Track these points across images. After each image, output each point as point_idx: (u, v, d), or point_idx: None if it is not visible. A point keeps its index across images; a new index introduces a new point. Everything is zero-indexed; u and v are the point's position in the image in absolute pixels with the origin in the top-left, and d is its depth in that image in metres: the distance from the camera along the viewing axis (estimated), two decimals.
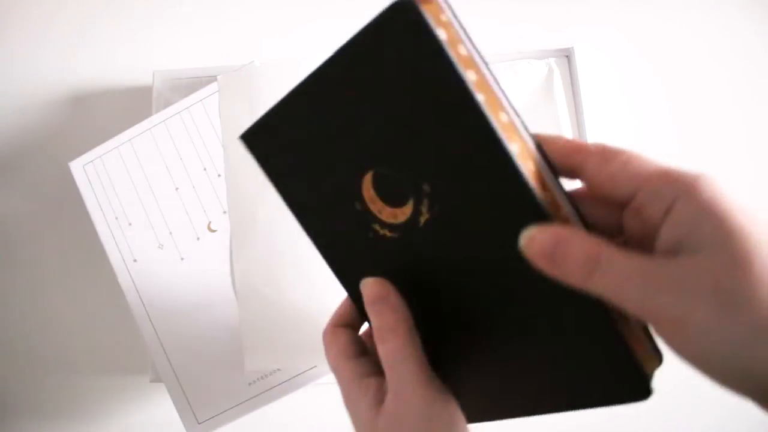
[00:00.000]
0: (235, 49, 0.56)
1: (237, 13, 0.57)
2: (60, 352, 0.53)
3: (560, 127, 0.49)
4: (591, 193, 0.23)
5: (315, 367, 0.45)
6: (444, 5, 0.22)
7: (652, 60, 0.52)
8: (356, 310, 0.31)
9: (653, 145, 0.51)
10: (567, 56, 0.50)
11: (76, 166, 0.49)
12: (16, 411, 0.53)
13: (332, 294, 0.45)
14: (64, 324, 0.53)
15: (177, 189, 0.48)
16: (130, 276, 0.47)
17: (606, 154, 0.22)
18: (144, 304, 0.47)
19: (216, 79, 0.49)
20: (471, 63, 0.22)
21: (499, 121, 0.22)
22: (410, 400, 0.25)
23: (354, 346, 0.30)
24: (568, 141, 0.23)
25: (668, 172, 0.21)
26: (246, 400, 0.45)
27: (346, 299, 0.32)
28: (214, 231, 0.48)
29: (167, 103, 0.51)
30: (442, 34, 0.21)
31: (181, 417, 0.45)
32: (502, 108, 0.22)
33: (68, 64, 0.57)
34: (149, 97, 0.53)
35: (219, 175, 0.48)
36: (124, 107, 0.55)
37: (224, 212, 0.48)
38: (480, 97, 0.21)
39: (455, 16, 0.22)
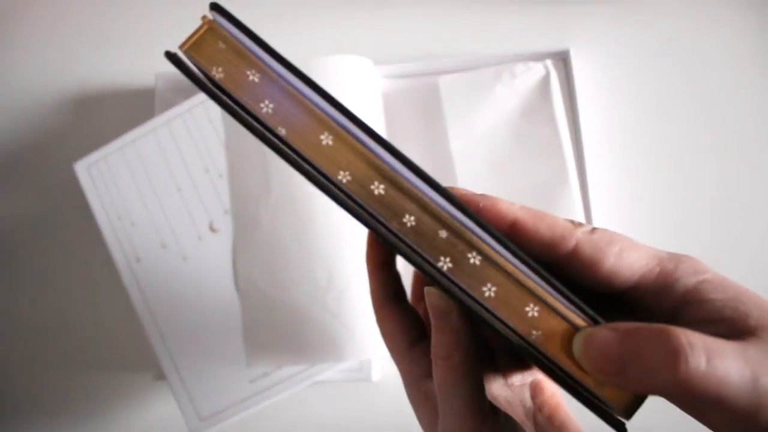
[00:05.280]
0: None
1: (239, 15, 0.57)
2: (64, 351, 0.54)
3: (557, 130, 0.49)
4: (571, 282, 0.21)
5: (316, 365, 0.46)
6: (224, 30, 0.19)
7: (647, 63, 0.53)
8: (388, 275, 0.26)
9: (649, 146, 0.51)
10: (563, 59, 0.51)
11: (81, 167, 0.50)
12: (21, 408, 0.54)
13: (335, 293, 0.46)
14: (69, 323, 0.54)
15: (179, 189, 0.49)
16: (134, 275, 0.48)
17: (597, 243, 0.20)
18: (147, 303, 0.48)
19: None
20: (265, 90, 0.18)
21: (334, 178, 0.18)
22: None
23: (409, 329, 0.26)
24: (552, 226, 0.20)
25: (663, 259, 0.20)
26: (248, 397, 0.46)
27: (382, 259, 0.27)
28: (215, 231, 0.48)
29: (169, 105, 0.52)
30: (217, 74, 0.18)
31: (183, 413, 0.46)
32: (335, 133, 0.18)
33: (72, 67, 0.58)
34: (152, 99, 0.54)
35: (220, 176, 0.49)
36: (127, 109, 0.56)
37: (225, 212, 0.48)
38: (281, 131, 0.18)
39: (246, 33, 0.19)
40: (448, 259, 0.18)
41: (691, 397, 0.16)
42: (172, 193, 0.49)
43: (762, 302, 0.18)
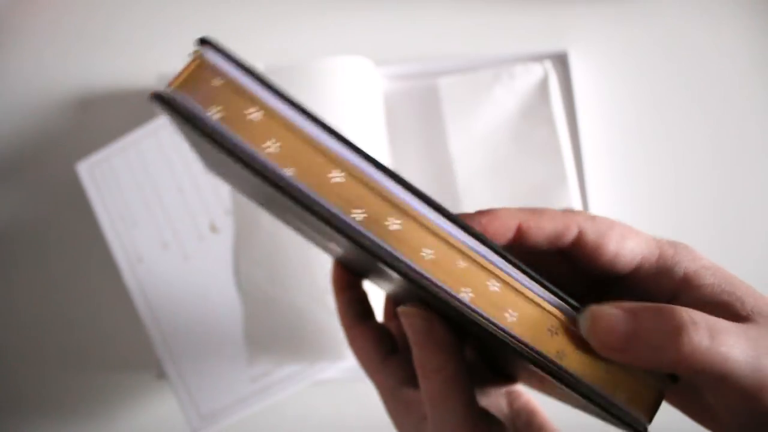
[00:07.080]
0: (237, 52, 0.57)
1: (240, 16, 0.58)
2: (65, 350, 0.54)
3: (556, 131, 0.50)
4: (569, 268, 0.21)
5: (316, 364, 0.46)
6: (218, 65, 0.17)
7: (646, 64, 0.53)
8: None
9: (647, 147, 0.51)
10: (562, 60, 0.51)
11: (83, 168, 0.50)
12: (23, 407, 0.54)
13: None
14: (70, 322, 0.54)
15: (180, 190, 0.49)
16: (135, 275, 0.48)
17: (599, 227, 0.20)
18: (149, 303, 0.48)
19: None
20: (268, 128, 0.17)
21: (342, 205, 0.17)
22: None
23: (380, 345, 0.26)
24: (553, 218, 0.20)
25: (663, 244, 0.21)
26: (249, 396, 0.46)
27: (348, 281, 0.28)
28: (216, 231, 0.49)
29: None
30: (215, 114, 0.16)
31: (184, 412, 0.47)
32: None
33: (73, 69, 0.58)
34: None
35: None
36: (129, 110, 0.56)
37: (226, 212, 0.49)
38: (287, 172, 0.16)
39: (242, 68, 0.17)
40: (469, 289, 0.18)
41: (695, 374, 0.16)
42: (173, 193, 0.49)
43: (752, 290, 0.19)
